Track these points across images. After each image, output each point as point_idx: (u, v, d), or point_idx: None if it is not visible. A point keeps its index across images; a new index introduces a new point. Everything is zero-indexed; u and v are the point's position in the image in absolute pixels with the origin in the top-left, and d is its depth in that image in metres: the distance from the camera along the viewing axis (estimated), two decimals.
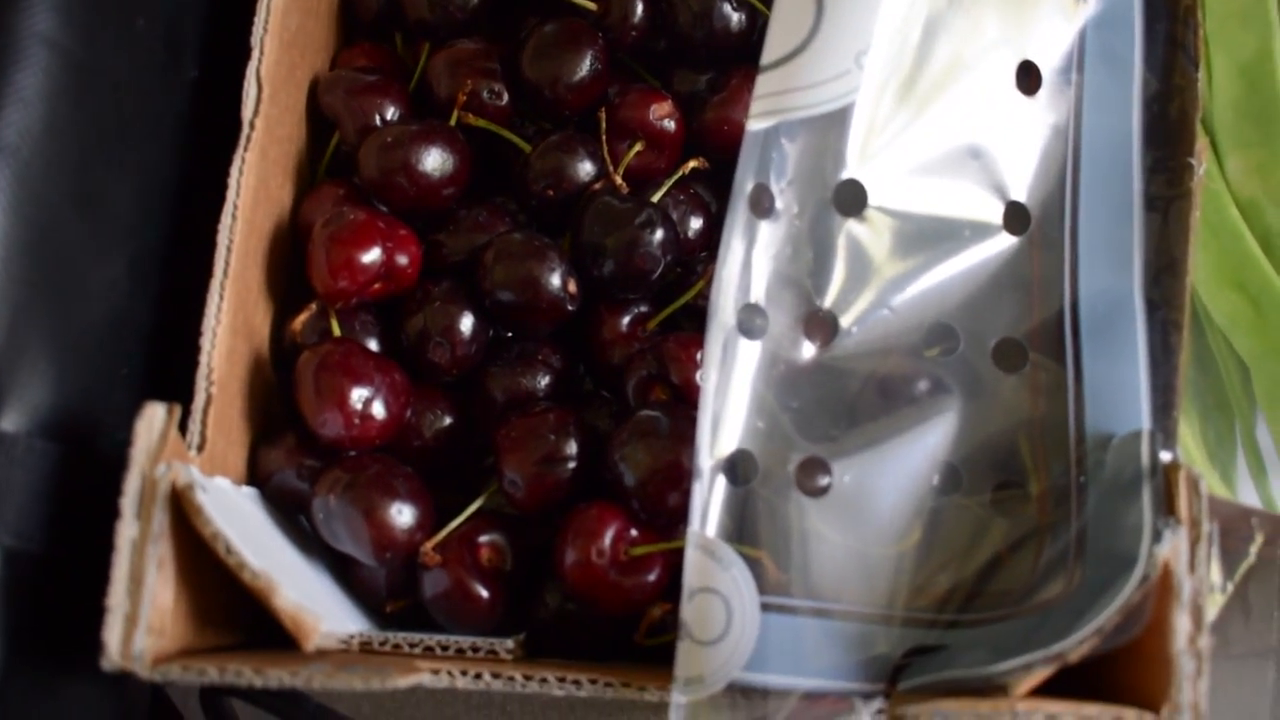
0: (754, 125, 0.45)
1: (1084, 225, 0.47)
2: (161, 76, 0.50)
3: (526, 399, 0.51)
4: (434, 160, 0.51)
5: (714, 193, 0.55)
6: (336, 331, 0.50)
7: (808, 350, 0.45)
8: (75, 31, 0.46)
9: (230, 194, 0.48)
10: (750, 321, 0.45)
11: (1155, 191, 0.47)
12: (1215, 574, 0.52)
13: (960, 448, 0.45)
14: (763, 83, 0.45)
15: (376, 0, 0.58)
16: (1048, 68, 0.48)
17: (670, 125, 0.54)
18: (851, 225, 0.45)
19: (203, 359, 0.46)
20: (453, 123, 0.53)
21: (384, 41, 0.59)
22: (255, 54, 0.49)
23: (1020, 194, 0.47)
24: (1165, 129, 0.48)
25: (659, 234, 0.50)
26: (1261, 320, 0.52)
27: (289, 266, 0.53)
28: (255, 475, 0.50)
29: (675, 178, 0.53)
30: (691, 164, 0.53)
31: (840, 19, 0.45)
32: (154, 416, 0.41)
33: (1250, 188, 0.53)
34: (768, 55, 0.46)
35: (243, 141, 0.48)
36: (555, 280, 0.50)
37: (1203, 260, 0.53)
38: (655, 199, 0.52)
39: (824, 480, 0.45)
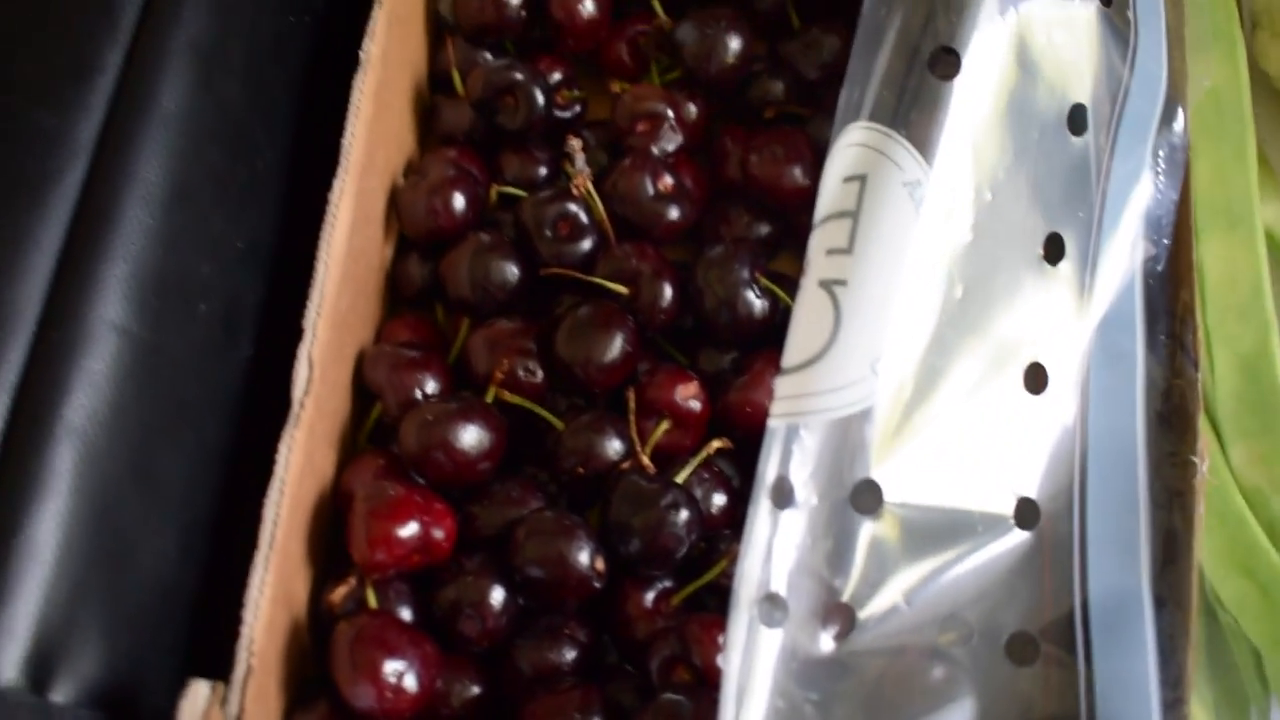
0: (775, 423, 0.48)
1: (1092, 521, 0.49)
2: (220, 356, 0.53)
3: (553, 674, 0.52)
4: (471, 437, 0.54)
5: (738, 469, 0.58)
6: (373, 603, 0.52)
7: (826, 643, 0.47)
8: (143, 318, 0.50)
9: (278, 470, 0.50)
10: (770, 612, 0.46)
11: (1160, 487, 0.49)
12: None
13: None
14: (783, 385, 0.48)
15: (420, 277, 0.62)
16: (1055, 367, 0.51)
17: (696, 405, 0.56)
18: (868, 523, 0.47)
19: (244, 631, 0.48)
20: (489, 399, 0.56)
21: (426, 312, 0.63)
22: (308, 336, 0.52)
23: (1031, 490, 0.49)
24: (1168, 425, 0.50)
25: (684, 514, 0.52)
26: (1270, 607, 0.54)
27: (329, 534, 0.55)
28: None
29: (700, 458, 0.55)
30: (715, 444, 0.56)
31: (858, 328, 0.48)
32: (198, 695, 0.43)
33: (1254, 476, 0.55)
34: (788, 359, 0.48)
35: (292, 420, 0.51)
36: (584, 559, 0.52)
37: (1210, 547, 0.55)
38: (681, 478, 0.54)
39: None
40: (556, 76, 0.67)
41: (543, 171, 0.65)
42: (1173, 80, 0.55)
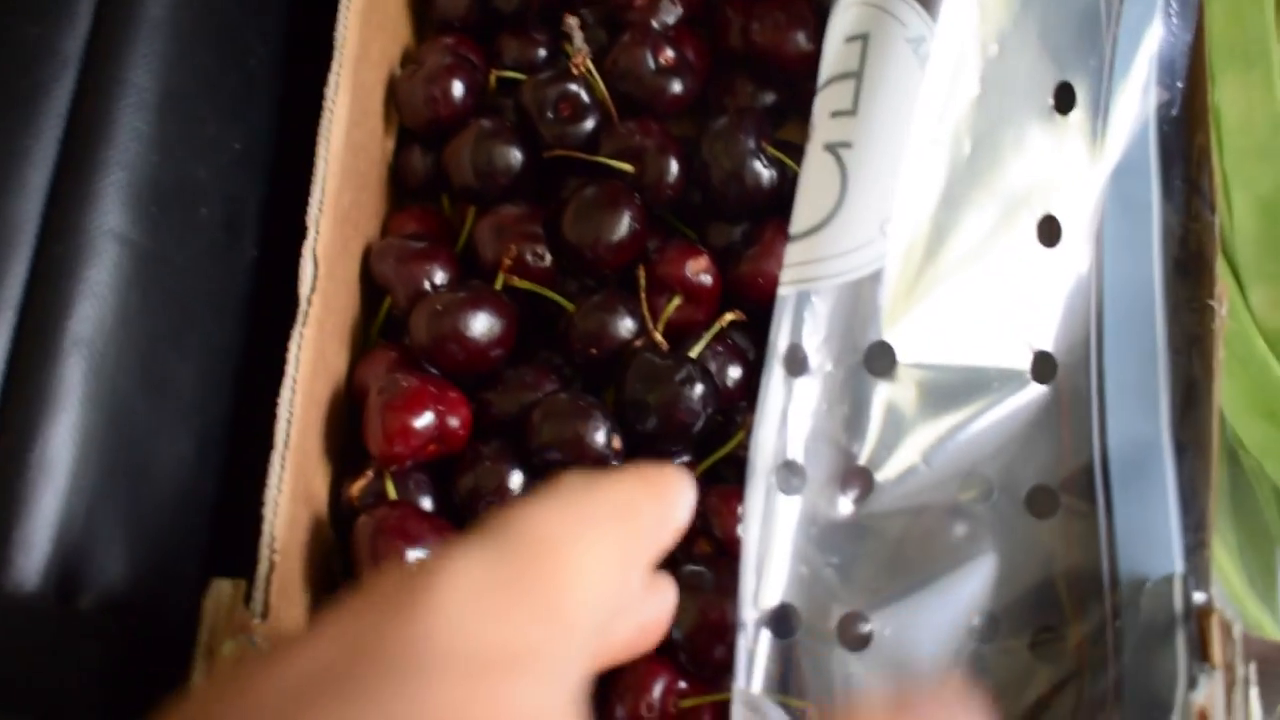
0: (785, 290, 0.47)
1: (1110, 370, 0.48)
2: (223, 259, 0.53)
3: None
4: (482, 325, 0.53)
5: (752, 341, 0.57)
6: (392, 494, 0.52)
7: (845, 506, 0.47)
8: (142, 225, 0.49)
9: (289, 368, 0.50)
10: (788, 480, 0.46)
11: (1179, 334, 0.49)
12: (1255, 714, 0.53)
13: (998, 595, 0.46)
14: (792, 252, 0.47)
15: (423, 168, 0.61)
16: (1068, 218, 0.50)
17: (707, 280, 0.56)
18: (883, 385, 0.47)
19: (265, 528, 0.48)
20: (498, 286, 0.56)
21: (432, 203, 0.62)
22: (311, 233, 0.52)
23: (1047, 343, 0.49)
24: (1185, 272, 0.50)
25: (699, 389, 0.52)
26: None
27: (345, 430, 0.55)
28: None
29: (713, 331, 0.55)
30: (728, 317, 0.55)
31: (864, 190, 0.47)
32: (220, 594, 0.44)
33: (1276, 319, 0.54)
34: (796, 225, 0.48)
35: (300, 318, 0.51)
36: (600, 438, 0.52)
37: (1232, 391, 0.54)
38: (694, 353, 0.54)
39: (865, 630, 0.46)
40: None
41: (542, 53, 0.64)
42: None
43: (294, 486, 0.50)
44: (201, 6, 0.54)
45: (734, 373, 0.55)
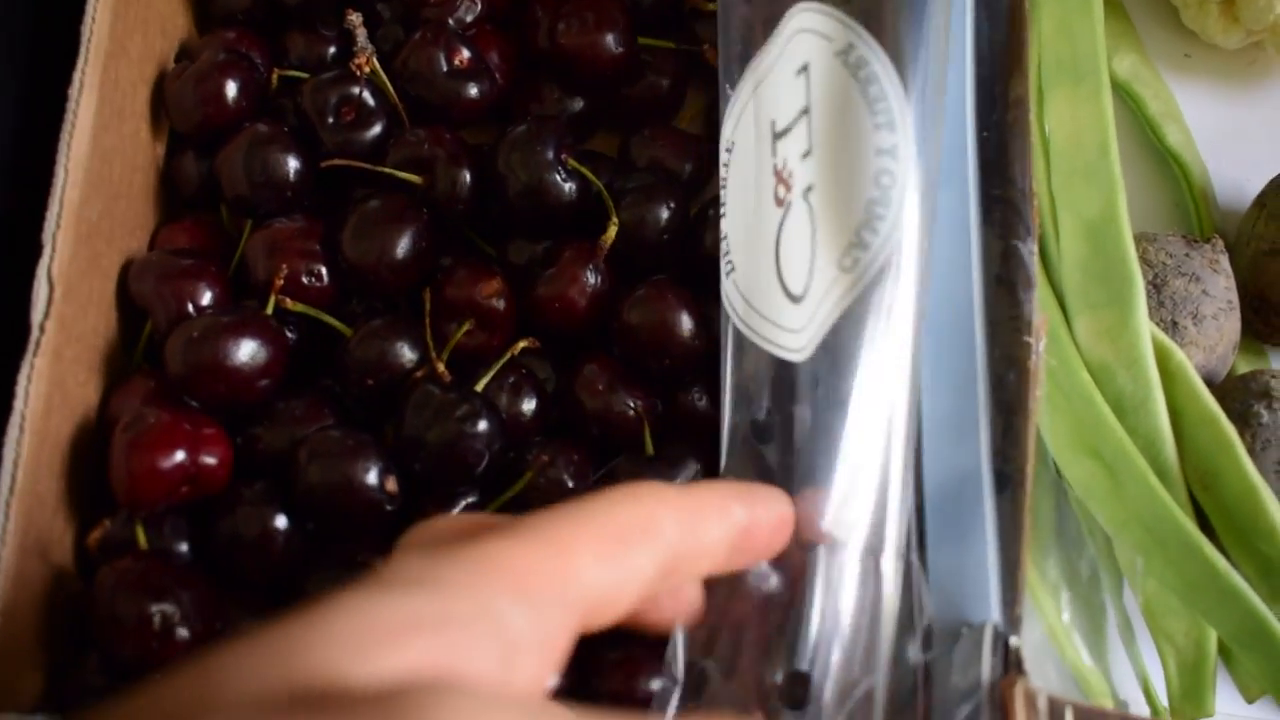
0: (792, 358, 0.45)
1: (929, 400, 0.45)
2: None
3: None
4: (245, 353, 0.48)
5: (551, 367, 0.53)
6: (142, 542, 0.47)
7: None
8: None
9: (18, 404, 0.45)
10: None
11: (1000, 357, 0.45)
12: None
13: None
14: (795, 316, 0.45)
15: (197, 175, 0.56)
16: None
17: (500, 304, 0.51)
18: None
19: None
20: (269, 309, 0.50)
21: (210, 213, 0.57)
22: (47, 251, 0.47)
23: None
24: (1006, 288, 0.46)
25: (482, 425, 0.48)
26: (1118, 488, 0.50)
27: (97, 466, 0.49)
28: (59, 699, 0.47)
29: (503, 359, 0.51)
30: (522, 344, 0.51)
31: (831, 231, 0.44)
32: None
33: (1100, 351, 0.51)
34: (793, 287, 0.45)
35: (32, 347, 0.45)
36: (372, 479, 0.47)
37: (1056, 427, 0.51)
38: (482, 384, 0.50)
39: None
40: None
41: (332, 51, 0.58)
42: None
43: (23, 538, 0.44)
44: None
45: (527, 405, 0.51)
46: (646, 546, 0.35)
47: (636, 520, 0.35)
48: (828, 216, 0.45)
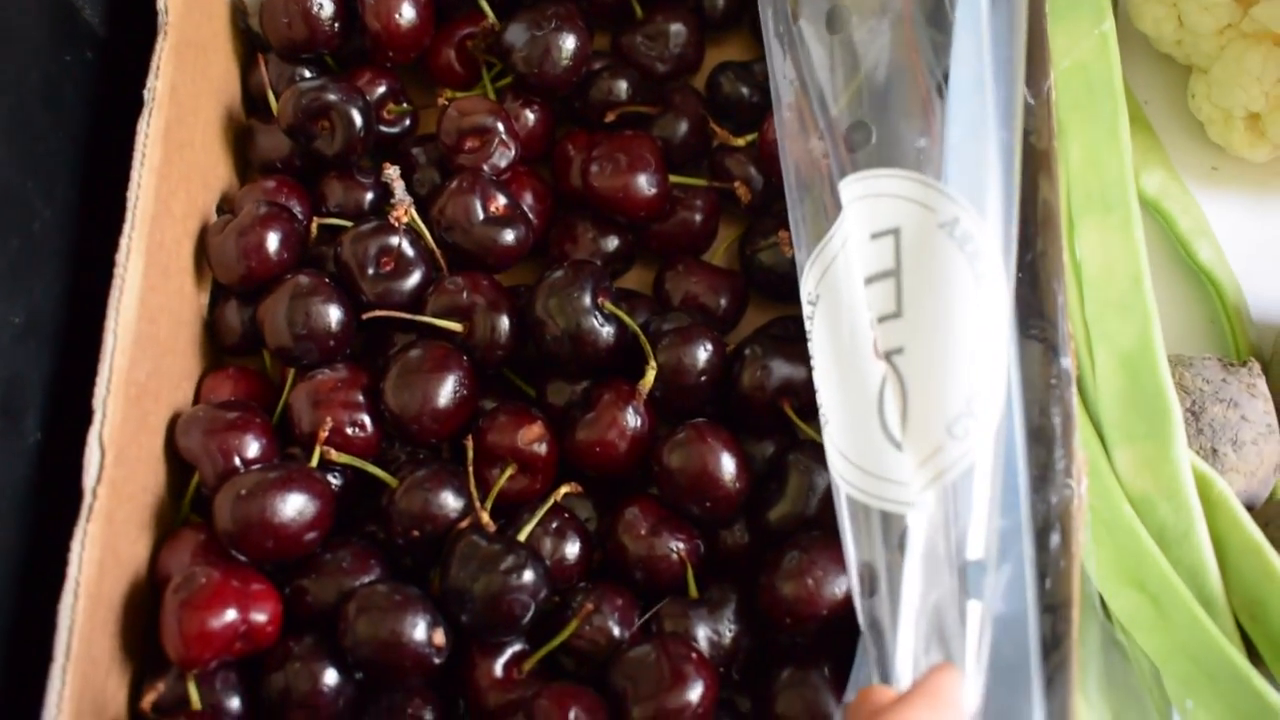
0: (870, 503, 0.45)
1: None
2: (0, 443, 0.48)
3: None
4: (293, 509, 0.49)
5: (593, 506, 0.54)
6: (195, 701, 0.47)
7: None
8: None
9: (71, 570, 0.45)
10: None
11: (1041, 512, 0.45)
12: None
13: None
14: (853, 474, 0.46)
15: (240, 323, 0.57)
16: None
17: (541, 449, 0.52)
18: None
19: None
20: (314, 462, 0.51)
21: (253, 358, 0.58)
22: (98, 417, 0.47)
23: None
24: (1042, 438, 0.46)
25: (528, 576, 0.48)
26: (1164, 619, 0.50)
27: (149, 624, 0.50)
28: None
29: (546, 506, 0.51)
30: (564, 489, 0.52)
31: (925, 396, 0.45)
32: None
33: (1141, 482, 0.51)
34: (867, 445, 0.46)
35: (85, 513, 0.46)
36: (419, 634, 0.47)
37: (1100, 558, 0.51)
38: (525, 533, 0.50)
39: None
40: (381, 90, 0.62)
41: (369, 196, 0.60)
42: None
43: (79, 702, 0.45)
44: None
45: (571, 550, 0.51)
46: None
47: None
48: (931, 383, 0.45)
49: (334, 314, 0.54)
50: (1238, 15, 0.61)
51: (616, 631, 0.49)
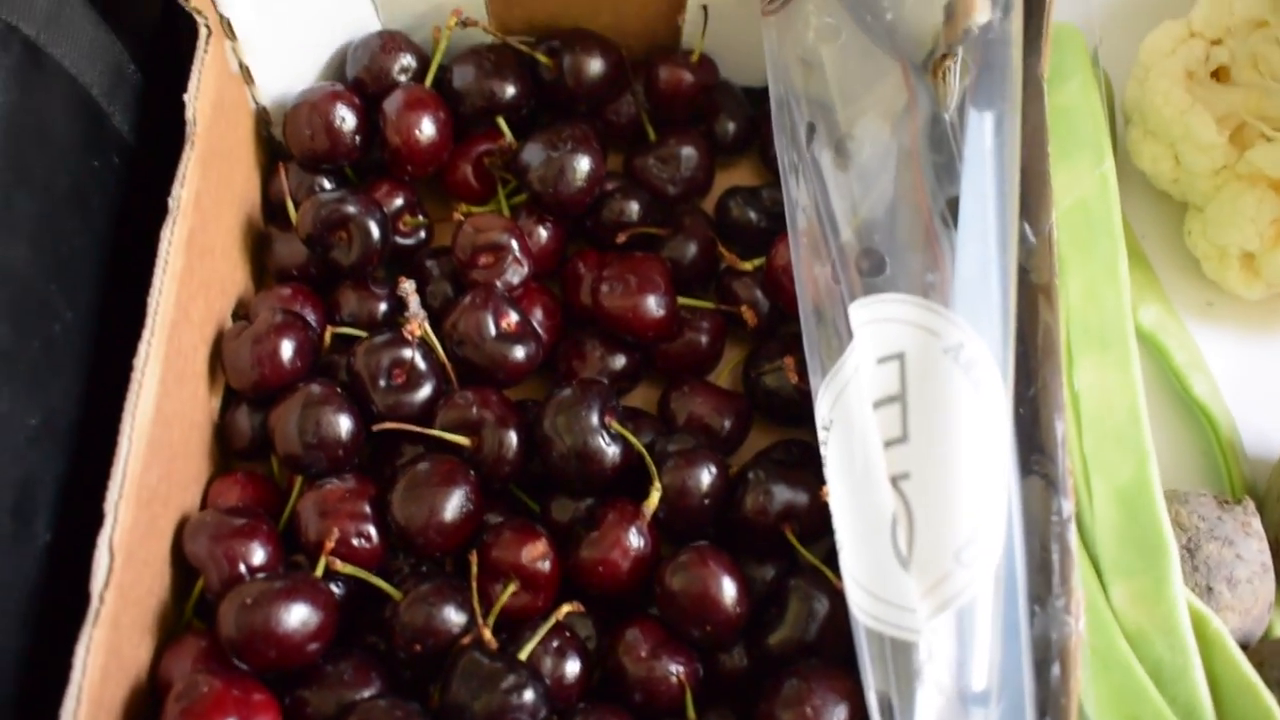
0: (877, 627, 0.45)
1: None
2: (9, 548, 0.48)
3: None
4: (296, 619, 0.49)
5: (593, 624, 0.54)
6: None
7: None
8: None
9: (75, 676, 0.45)
10: None
11: (1041, 646, 0.46)
12: None
13: None
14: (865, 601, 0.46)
15: (250, 429, 0.57)
16: None
17: (545, 566, 0.52)
18: None
19: None
20: (319, 571, 0.52)
21: (261, 463, 0.58)
22: (109, 520, 0.48)
23: None
24: (1043, 568, 0.47)
25: (528, 696, 0.48)
26: None
27: None
28: None
29: (548, 625, 0.51)
30: (565, 609, 0.52)
31: (933, 522, 0.46)
32: None
33: (1137, 618, 0.52)
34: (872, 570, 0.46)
35: (91, 617, 0.46)
36: None
37: (1095, 694, 0.52)
38: (527, 650, 0.50)
39: None
40: (398, 202, 0.63)
41: (383, 307, 0.61)
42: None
43: None
44: None
45: (571, 669, 0.52)
46: None
47: None
48: (938, 509, 0.46)
49: (344, 424, 0.55)
50: (1233, 157, 0.62)
51: None
